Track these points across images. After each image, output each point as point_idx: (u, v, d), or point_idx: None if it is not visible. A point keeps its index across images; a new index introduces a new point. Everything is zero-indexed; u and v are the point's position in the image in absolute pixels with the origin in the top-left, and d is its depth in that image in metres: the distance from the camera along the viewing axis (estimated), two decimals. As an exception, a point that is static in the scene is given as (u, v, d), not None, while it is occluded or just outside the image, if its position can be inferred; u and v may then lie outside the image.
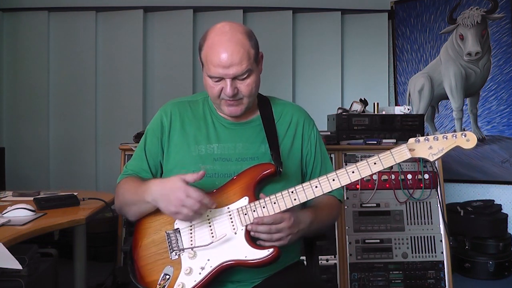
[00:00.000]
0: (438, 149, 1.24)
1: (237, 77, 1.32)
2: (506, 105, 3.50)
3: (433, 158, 1.24)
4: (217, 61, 1.29)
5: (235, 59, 1.29)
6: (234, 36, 1.31)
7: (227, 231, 1.27)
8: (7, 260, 1.32)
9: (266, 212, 1.27)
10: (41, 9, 3.85)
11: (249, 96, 1.36)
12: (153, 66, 3.98)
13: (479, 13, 3.57)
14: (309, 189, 1.28)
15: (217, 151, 1.40)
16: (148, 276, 1.30)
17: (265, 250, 1.24)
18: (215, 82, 1.34)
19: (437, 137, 1.24)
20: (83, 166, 3.88)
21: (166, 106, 1.51)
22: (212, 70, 1.31)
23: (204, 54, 1.34)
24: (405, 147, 1.24)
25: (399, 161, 1.24)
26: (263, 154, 1.41)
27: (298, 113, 1.52)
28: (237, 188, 1.32)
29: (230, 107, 1.37)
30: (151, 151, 1.46)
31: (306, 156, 1.50)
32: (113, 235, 2.97)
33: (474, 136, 1.23)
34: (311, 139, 1.50)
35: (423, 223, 2.57)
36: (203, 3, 3.93)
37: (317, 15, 4.02)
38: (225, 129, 1.44)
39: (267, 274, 1.36)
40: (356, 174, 1.26)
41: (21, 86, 3.88)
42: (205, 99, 1.50)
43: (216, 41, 1.32)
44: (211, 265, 1.25)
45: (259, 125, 1.45)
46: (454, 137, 1.23)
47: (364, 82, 4.01)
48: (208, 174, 1.37)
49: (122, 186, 1.43)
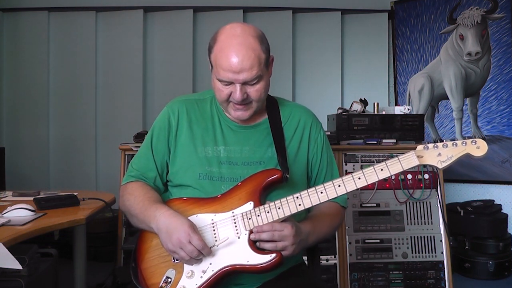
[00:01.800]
0: (447, 156, 1.21)
1: (247, 83, 1.30)
2: (506, 105, 3.50)
3: (442, 165, 1.22)
4: (227, 65, 1.27)
5: (245, 64, 1.26)
6: (245, 40, 1.28)
7: (230, 235, 1.26)
8: (7, 260, 1.32)
9: (270, 217, 1.26)
10: (41, 9, 3.86)
11: (258, 101, 1.34)
12: (153, 66, 3.98)
13: (479, 13, 3.57)
14: (314, 195, 1.26)
15: (223, 154, 1.39)
16: (150, 278, 1.29)
17: (267, 255, 1.23)
18: (224, 86, 1.31)
19: (447, 144, 1.21)
20: (83, 166, 3.88)
21: (173, 103, 1.47)
22: (222, 74, 1.29)
23: (214, 56, 1.31)
24: (413, 154, 1.22)
25: (407, 168, 1.22)
26: (269, 158, 1.40)
27: (306, 115, 1.49)
28: (243, 193, 1.31)
29: (238, 112, 1.35)
30: (158, 149, 1.44)
31: (312, 159, 1.47)
32: (113, 235, 2.97)
33: (484, 144, 1.19)
34: (317, 142, 1.48)
35: (423, 223, 2.57)
36: (203, 3, 3.94)
37: (317, 15, 4.03)
38: (232, 132, 1.42)
39: (269, 277, 1.35)
40: (362, 180, 1.24)
41: (21, 86, 3.88)
42: (213, 98, 1.47)
43: (226, 44, 1.28)
44: (213, 269, 1.25)
45: (266, 128, 1.43)
46: (464, 144, 1.20)
47: (364, 82, 4.01)
48: (215, 177, 1.36)
49: (129, 193, 1.40)
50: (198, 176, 1.37)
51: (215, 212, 1.30)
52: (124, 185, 1.44)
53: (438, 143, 1.22)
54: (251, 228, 1.26)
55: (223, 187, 1.35)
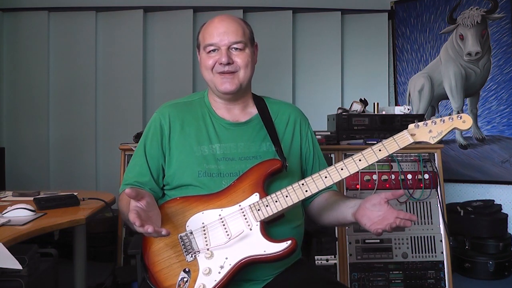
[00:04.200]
0: (437, 132, 1.28)
1: (232, 46, 1.38)
2: (506, 105, 3.50)
3: (433, 141, 1.28)
4: (213, 30, 1.38)
5: (231, 27, 1.38)
6: (231, 17, 1.42)
7: (243, 227, 1.27)
8: (7, 260, 1.32)
9: (279, 206, 1.28)
10: (41, 9, 3.85)
11: (244, 67, 1.40)
12: (153, 66, 3.98)
13: (479, 13, 3.57)
14: (319, 180, 1.29)
15: (219, 151, 1.40)
16: (165, 281, 1.28)
17: (283, 243, 1.25)
18: (210, 53, 1.39)
19: (435, 121, 1.29)
20: (83, 166, 3.88)
21: (162, 109, 1.49)
22: (208, 38, 1.39)
23: (201, 32, 1.43)
24: (406, 132, 1.28)
25: (402, 146, 1.27)
26: (265, 152, 1.42)
27: (294, 112, 1.55)
28: (246, 185, 1.32)
29: (225, 82, 1.39)
30: (151, 154, 1.44)
31: (306, 153, 1.52)
32: (113, 235, 2.97)
33: (469, 118, 1.28)
34: (308, 137, 1.54)
35: (423, 223, 2.57)
36: (203, 3, 3.93)
37: (317, 15, 4.03)
38: (225, 130, 1.44)
39: (278, 271, 1.37)
40: (363, 161, 1.28)
41: (21, 86, 3.88)
42: (201, 99, 1.50)
43: (213, 20, 1.42)
44: (230, 263, 1.25)
45: (258, 124, 1.46)
46: (451, 119, 1.28)
47: (364, 82, 4.01)
48: (214, 174, 1.37)
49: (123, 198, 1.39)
50: (198, 174, 1.38)
51: (221, 207, 1.30)
52: (121, 194, 1.44)
53: (427, 121, 1.29)
54: (261, 219, 1.27)
55: (224, 182, 1.36)
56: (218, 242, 1.27)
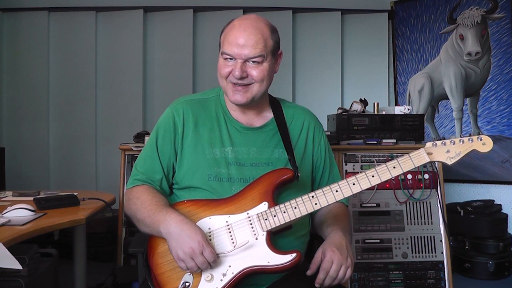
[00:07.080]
0: (455, 152, 1.25)
1: (249, 60, 1.32)
2: (506, 105, 3.50)
3: (451, 162, 1.25)
4: (233, 38, 1.31)
5: (250, 40, 1.31)
6: (257, 23, 1.35)
7: (249, 237, 1.25)
8: (7, 260, 1.32)
9: (287, 217, 1.26)
10: (41, 9, 3.86)
11: (260, 81, 1.34)
12: (153, 66, 3.98)
13: (479, 13, 3.57)
14: (329, 194, 1.27)
15: (231, 155, 1.38)
16: (166, 284, 1.27)
17: (288, 255, 1.24)
18: (227, 61, 1.34)
19: (454, 141, 1.25)
20: (83, 166, 3.88)
21: (177, 104, 1.45)
22: (226, 47, 1.33)
23: (224, 34, 1.36)
24: (423, 151, 1.25)
25: (418, 164, 1.25)
26: (277, 159, 1.40)
27: (309, 117, 1.51)
28: (256, 193, 1.30)
29: (236, 94, 1.35)
30: (163, 151, 1.41)
31: (317, 161, 1.49)
32: (113, 235, 2.97)
33: (489, 140, 1.24)
34: (321, 144, 1.50)
35: (423, 223, 2.57)
36: (203, 3, 3.94)
37: (317, 15, 4.03)
38: (239, 133, 1.42)
39: (279, 275, 1.35)
40: (376, 178, 1.26)
41: (21, 86, 3.88)
42: (216, 98, 1.47)
43: (237, 23, 1.35)
44: (232, 272, 1.24)
45: (272, 129, 1.43)
46: (470, 140, 1.25)
47: (364, 82, 4.01)
48: (224, 178, 1.36)
49: (136, 197, 1.37)
50: (208, 178, 1.36)
51: (228, 214, 1.29)
52: (130, 189, 1.41)
53: (445, 140, 1.26)
54: (268, 229, 1.26)
55: (234, 188, 1.34)
56: (222, 250, 1.25)
